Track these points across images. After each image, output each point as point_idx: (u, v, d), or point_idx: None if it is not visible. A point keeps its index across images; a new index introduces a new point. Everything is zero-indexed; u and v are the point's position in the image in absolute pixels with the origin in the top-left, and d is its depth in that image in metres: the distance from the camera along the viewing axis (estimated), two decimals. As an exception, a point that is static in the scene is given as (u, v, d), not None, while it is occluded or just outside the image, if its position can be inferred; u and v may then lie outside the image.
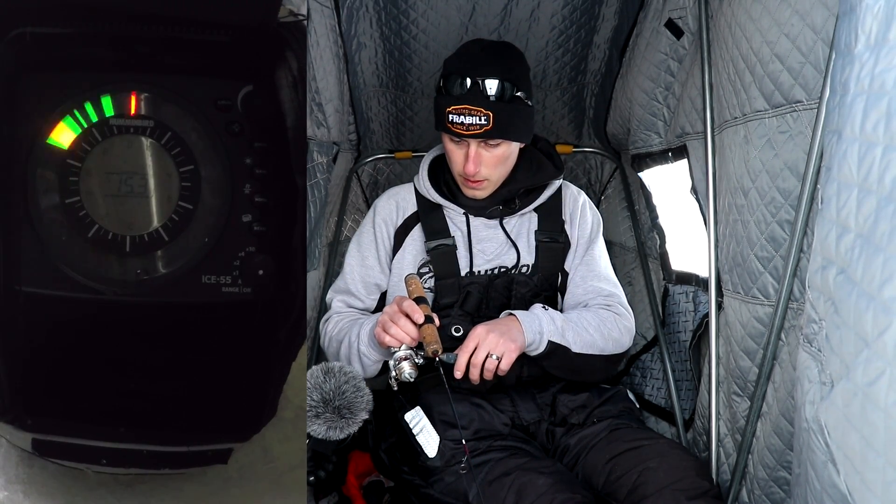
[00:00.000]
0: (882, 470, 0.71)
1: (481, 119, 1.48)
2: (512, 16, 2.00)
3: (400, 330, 1.39)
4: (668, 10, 1.74)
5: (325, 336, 1.69)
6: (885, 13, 0.76)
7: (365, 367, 1.57)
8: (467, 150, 1.54)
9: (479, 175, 1.57)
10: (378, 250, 1.71)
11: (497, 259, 1.67)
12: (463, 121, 1.49)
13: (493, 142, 1.53)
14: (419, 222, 1.70)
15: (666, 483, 1.30)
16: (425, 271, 1.66)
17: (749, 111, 1.35)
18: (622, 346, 1.62)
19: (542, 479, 1.32)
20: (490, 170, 1.57)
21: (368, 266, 1.71)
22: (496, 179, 1.62)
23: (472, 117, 1.48)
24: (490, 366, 1.41)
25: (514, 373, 1.64)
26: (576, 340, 1.53)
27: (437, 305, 1.64)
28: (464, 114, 1.48)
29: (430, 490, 1.43)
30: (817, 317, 0.89)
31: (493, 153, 1.55)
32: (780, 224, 1.29)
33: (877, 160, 0.75)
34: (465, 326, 1.62)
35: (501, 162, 1.58)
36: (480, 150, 1.54)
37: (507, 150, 1.57)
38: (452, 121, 1.50)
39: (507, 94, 1.51)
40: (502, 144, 1.55)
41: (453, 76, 1.52)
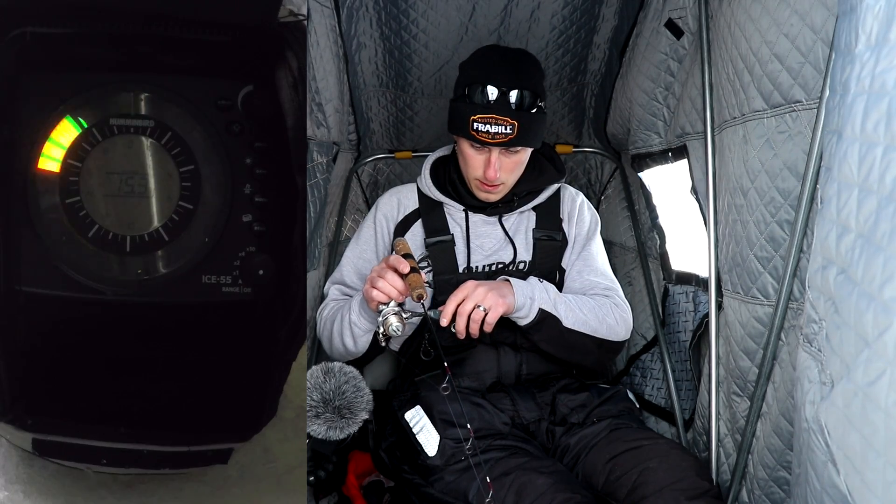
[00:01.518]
0: (882, 470, 0.71)
1: (507, 129, 1.51)
2: (512, 16, 1.99)
3: (387, 283, 1.40)
4: (668, 10, 1.74)
5: (321, 322, 1.71)
6: (886, 13, 0.76)
7: (356, 338, 1.57)
8: (488, 156, 1.57)
9: (499, 180, 1.60)
10: (377, 244, 1.75)
11: (494, 255, 1.69)
12: (489, 129, 1.51)
13: (513, 149, 1.57)
14: (420, 219, 1.73)
15: (666, 483, 1.31)
16: (424, 265, 1.68)
17: (748, 111, 1.35)
18: (617, 334, 1.62)
19: (541, 479, 1.32)
20: (508, 175, 1.62)
21: (366, 259, 1.74)
22: (512, 181, 1.66)
23: (497, 126, 1.51)
24: (476, 316, 1.41)
25: (514, 371, 1.64)
26: (567, 315, 1.54)
27: (436, 302, 1.66)
28: (490, 123, 1.51)
29: (431, 489, 1.43)
30: (817, 317, 0.89)
31: (513, 159, 1.59)
32: (779, 224, 1.29)
33: (877, 160, 0.75)
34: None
35: (519, 167, 1.63)
36: (501, 157, 1.57)
37: (525, 155, 1.63)
38: (478, 129, 1.52)
39: (530, 104, 1.55)
40: (521, 151, 1.60)
41: (476, 84, 1.54)
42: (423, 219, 1.73)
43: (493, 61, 1.58)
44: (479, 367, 1.63)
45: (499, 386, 1.62)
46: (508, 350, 1.65)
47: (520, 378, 1.63)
